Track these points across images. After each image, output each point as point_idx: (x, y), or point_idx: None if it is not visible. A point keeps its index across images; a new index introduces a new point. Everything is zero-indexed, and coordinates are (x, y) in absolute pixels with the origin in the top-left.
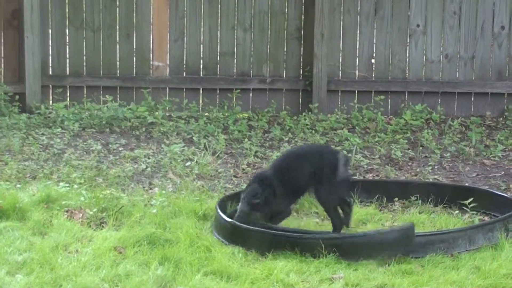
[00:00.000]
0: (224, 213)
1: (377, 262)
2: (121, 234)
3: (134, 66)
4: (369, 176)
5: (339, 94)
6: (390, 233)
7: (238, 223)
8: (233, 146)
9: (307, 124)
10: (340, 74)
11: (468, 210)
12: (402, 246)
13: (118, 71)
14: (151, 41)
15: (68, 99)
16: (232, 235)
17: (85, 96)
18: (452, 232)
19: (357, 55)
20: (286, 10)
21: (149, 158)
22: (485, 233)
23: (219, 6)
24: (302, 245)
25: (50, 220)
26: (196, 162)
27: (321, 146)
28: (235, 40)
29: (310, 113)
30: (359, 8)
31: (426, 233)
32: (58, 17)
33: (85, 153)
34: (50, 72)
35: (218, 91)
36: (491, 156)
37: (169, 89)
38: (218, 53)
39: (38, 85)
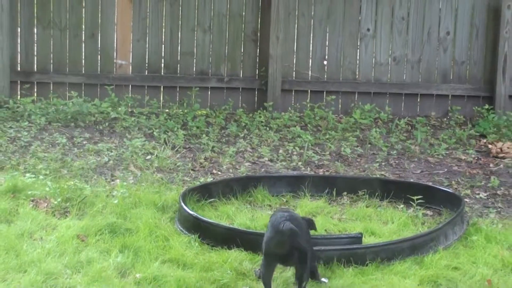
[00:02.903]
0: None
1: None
2: (83, 223)
3: (99, 64)
4: (320, 171)
5: (293, 93)
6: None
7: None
8: (192, 141)
9: (262, 121)
10: (294, 75)
11: (414, 205)
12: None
13: (83, 69)
14: (115, 41)
15: (35, 94)
16: (194, 227)
17: (51, 91)
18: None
19: (310, 56)
20: (244, 13)
21: (111, 152)
22: None
23: (180, 8)
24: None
25: (16, 209)
26: (156, 156)
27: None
28: (195, 40)
29: (265, 111)
30: (312, 13)
31: None
32: (27, 17)
33: (51, 146)
34: (19, 69)
35: (178, 89)
36: (435, 154)
37: (132, 86)
38: (179, 53)
39: (6, 81)
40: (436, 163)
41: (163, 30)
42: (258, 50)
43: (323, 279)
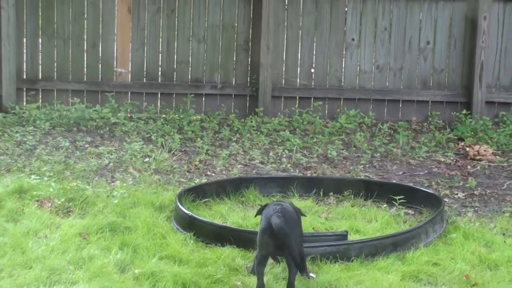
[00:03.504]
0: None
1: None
2: (85, 222)
3: (100, 72)
4: (308, 173)
5: (282, 99)
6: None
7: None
8: (187, 144)
9: (253, 126)
10: (283, 82)
11: (396, 204)
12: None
13: (85, 76)
14: (115, 50)
15: (40, 100)
16: (189, 225)
17: (55, 98)
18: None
19: (299, 65)
20: (236, 24)
21: (111, 155)
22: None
23: (176, 19)
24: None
25: (22, 208)
26: (154, 158)
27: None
28: (190, 50)
29: (256, 116)
30: (301, 24)
31: None
32: (32, 28)
33: (54, 149)
34: (24, 77)
35: (174, 96)
36: (416, 156)
37: (131, 93)
38: (175, 62)
39: (13, 88)
40: (417, 165)
41: (160, 40)
42: (249, 59)
43: (311, 274)
